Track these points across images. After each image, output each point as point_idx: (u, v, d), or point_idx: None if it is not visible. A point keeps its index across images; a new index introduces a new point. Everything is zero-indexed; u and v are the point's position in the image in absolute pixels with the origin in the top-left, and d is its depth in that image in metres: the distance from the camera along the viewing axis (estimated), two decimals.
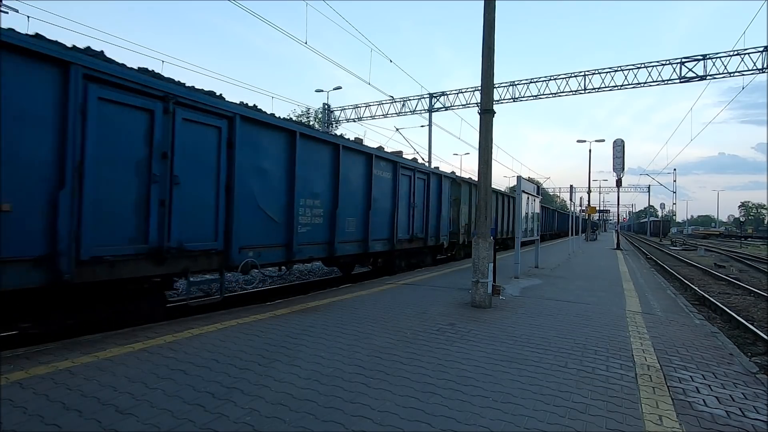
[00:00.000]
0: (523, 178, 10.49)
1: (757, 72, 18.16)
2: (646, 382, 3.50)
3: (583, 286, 9.02)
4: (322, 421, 2.63)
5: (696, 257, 24.90)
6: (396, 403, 2.92)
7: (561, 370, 3.72)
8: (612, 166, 25.81)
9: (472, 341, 4.52)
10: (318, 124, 31.64)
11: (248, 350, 3.97)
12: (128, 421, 2.55)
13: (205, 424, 2.55)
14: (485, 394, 3.13)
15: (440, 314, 5.76)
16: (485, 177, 6.65)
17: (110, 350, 3.83)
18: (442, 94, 25.81)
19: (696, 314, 6.81)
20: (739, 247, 37.24)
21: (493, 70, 6.69)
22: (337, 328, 4.85)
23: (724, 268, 18.38)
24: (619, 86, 20.98)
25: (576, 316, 5.99)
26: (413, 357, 3.92)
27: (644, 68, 20.39)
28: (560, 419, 2.77)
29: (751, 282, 14.15)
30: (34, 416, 2.58)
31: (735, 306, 9.86)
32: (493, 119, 6.73)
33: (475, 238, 6.57)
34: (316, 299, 6.66)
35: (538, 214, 12.94)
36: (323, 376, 3.39)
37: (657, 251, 31.10)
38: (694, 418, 2.89)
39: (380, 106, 27.20)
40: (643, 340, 4.82)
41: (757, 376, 3.84)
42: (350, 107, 28.45)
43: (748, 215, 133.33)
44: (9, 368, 3.31)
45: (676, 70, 19.77)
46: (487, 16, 6.63)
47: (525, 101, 23.51)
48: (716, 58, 18.83)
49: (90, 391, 2.95)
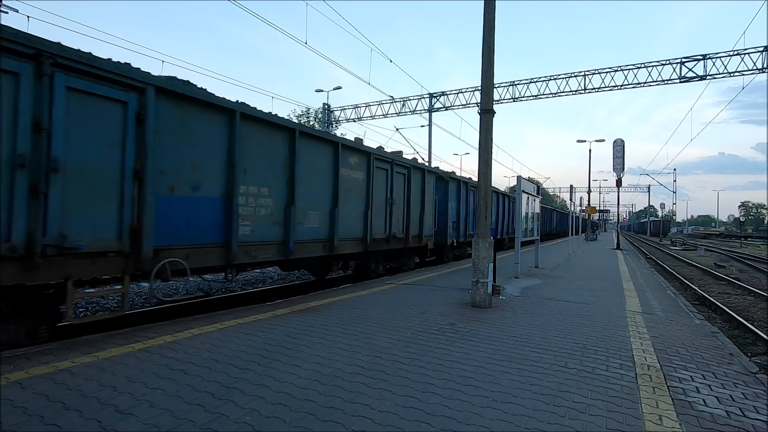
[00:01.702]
0: (523, 178, 10.48)
1: (757, 72, 18.17)
2: (646, 382, 3.50)
3: (583, 286, 9.02)
4: (322, 421, 2.63)
5: (696, 257, 24.90)
6: (396, 403, 2.92)
7: (561, 370, 3.72)
8: (612, 166, 25.81)
9: (472, 341, 4.52)
10: (318, 124, 31.64)
11: (248, 350, 3.97)
12: (128, 421, 2.55)
13: (205, 424, 2.55)
14: (485, 394, 3.12)
15: (440, 314, 5.76)
16: (485, 177, 6.65)
17: (110, 350, 3.83)
18: (442, 94, 25.82)
19: (696, 314, 6.81)
20: (739, 247, 37.25)
21: (493, 70, 6.69)
22: (337, 328, 4.85)
23: (724, 268, 18.38)
24: (619, 86, 20.99)
25: (576, 316, 5.99)
26: (413, 357, 3.92)
27: (644, 68, 20.40)
28: (560, 419, 2.77)
29: (751, 282, 14.15)
30: (34, 416, 2.58)
31: (735, 306, 9.86)
32: (493, 119, 6.73)
33: (475, 238, 6.57)
34: (316, 299, 6.66)
35: (538, 214, 12.90)
36: (323, 376, 3.39)
37: (657, 251, 31.10)
38: (694, 418, 2.89)
39: (380, 106, 27.21)
40: (643, 340, 4.82)
41: (757, 376, 3.84)
42: (350, 107, 28.46)
43: (748, 215, 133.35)
44: (9, 368, 3.31)
45: (676, 70, 19.78)
46: (487, 16, 6.63)
47: (525, 101, 23.54)
48: (716, 58, 18.84)
49: (90, 391, 2.95)
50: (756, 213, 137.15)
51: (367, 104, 27.82)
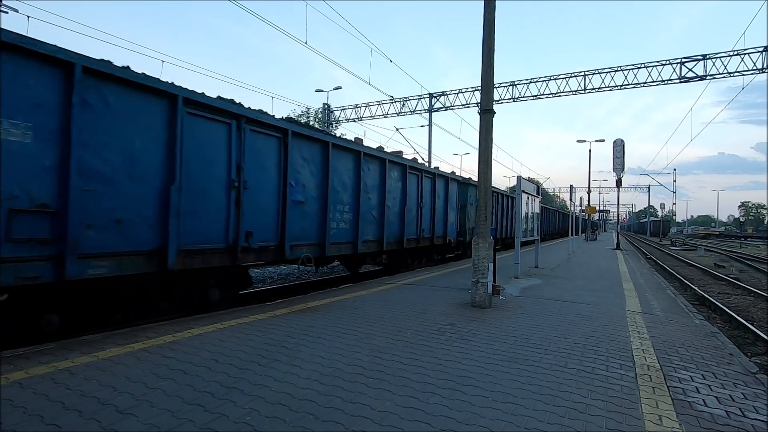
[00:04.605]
0: (523, 178, 10.48)
1: (757, 72, 18.18)
2: (646, 382, 3.50)
3: (582, 286, 9.02)
4: (322, 421, 2.63)
5: (696, 257, 24.90)
6: (396, 403, 2.92)
7: (561, 370, 3.72)
8: (612, 166, 25.81)
9: (472, 341, 4.52)
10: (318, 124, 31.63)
11: (248, 350, 3.97)
12: (128, 421, 2.55)
13: (205, 424, 2.55)
14: (485, 394, 3.13)
15: (440, 314, 5.76)
16: (485, 177, 6.65)
17: (110, 350, 3.83)
18: (442, 94, 25.83)
19: (696, 314, 6.81)
20: (738, 247, 37.22)
21: (493, 70, 6.69)
22: (337, 328, 4.85)
23: (723, 268, 18.38)
24: (619, 86, 21.01)
25: (576, 316, 5.99)
26: (413, 357, 3.92)
27: (644, 68, 20.42)
28: (560, 419, 2.77)
29: (751, 282, 14.14)
30: (34, 416, 2.58)
31: (735, 306, 9.85)
32: (493, 119, 6.73)
33: (475, 238, 6.57)
34: (316, 299, 6.66)
35: (538, 214, 12.93)
36: (323, 376, 3.39)
37: (657, 251, 31.10)
38: (694, 418, 2.89)
39: (380, 106, 27.22)
40: (643, 340, 4.82)
41: (756, 376, 3.84)
42: (350, 107, 28.47)
43: (748, 215, 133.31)
44: (9, 368, 3.31)
45: (675, 70, 19.79)
46: (487, 16, 6.63)
47: (525, 101, 23.56)
48: (716, 58, 18.85)
49: (90, 391, 2.95)
50: (756, 213, 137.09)
51: (367, 104, 27.84)
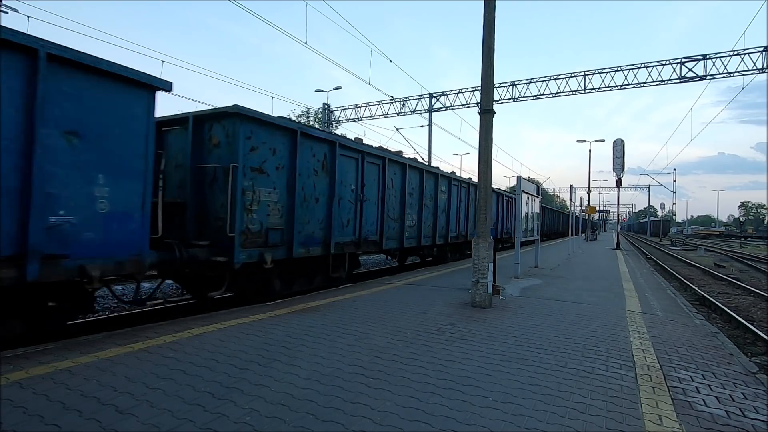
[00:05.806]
0: (523, 178, 10.49)
1: (757, 72, 18.15)
2: (646, 382, 3.50)
3: (583, 286, 9.03)
4: (322, 421, 2.63)
5: (696, 257, 24.90)
6: (396, 403, 2.92)
7: (561, 370, 3.72)
8: (612, 166, 25.80)
9: (472, 341, 4.52)
10: (318, 124, 31.61)
11: (248, 350, 3.97)
12: (128, 421, 2.55)
13: (205, 424, 2.55)
14: (485, 394, 3.13)
15: (440, 314, 5.76)
16: (485, 177, 6.64)
17: (110, 350, 3.83)
18: (442, 94, 25.81)
19: (696, 314, 6.81)
20: (739, 247, 37.23)
21: (493, 70, 6.68)
22: (337, 328, 4.85)
23: (724, 268, 18.38)
24: (619, 86, 20.97)
25: (576, 316, 5.99)
26: (413, 357, 3.92)
27: (644, 68, 20.38)
28: (560, 419, 2.77)
29: (751, 282, 14.15)
30: (34, 416, 2.58)
31: (735, 306, 9.85)
32: (493, 119, 6.73)
33: (475, 238, 6.57)
34: (316, 299, 6.66)
35: (538, 214, 12.96)
36: (323, 376, 3.39)
37: (657, 251, 31.10)
38: (694, 418, 2.89)
39: (380, 106, 27.19)
40: (643, 340, 4.82)
41: (757, 376, 3.84)
42: (350, 107, 28.44)
43: (748, 215, 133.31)
44: (9, 368, 3.31)
45: (675, 70, 19.76)
46: (487, 16, 6.63)
47: (525, 101, 23.52)
48: (716, 58, 18.83)
49: (90, 391, 2.95)
50: (756, 213, 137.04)
51: (367, 104, 27.81)
